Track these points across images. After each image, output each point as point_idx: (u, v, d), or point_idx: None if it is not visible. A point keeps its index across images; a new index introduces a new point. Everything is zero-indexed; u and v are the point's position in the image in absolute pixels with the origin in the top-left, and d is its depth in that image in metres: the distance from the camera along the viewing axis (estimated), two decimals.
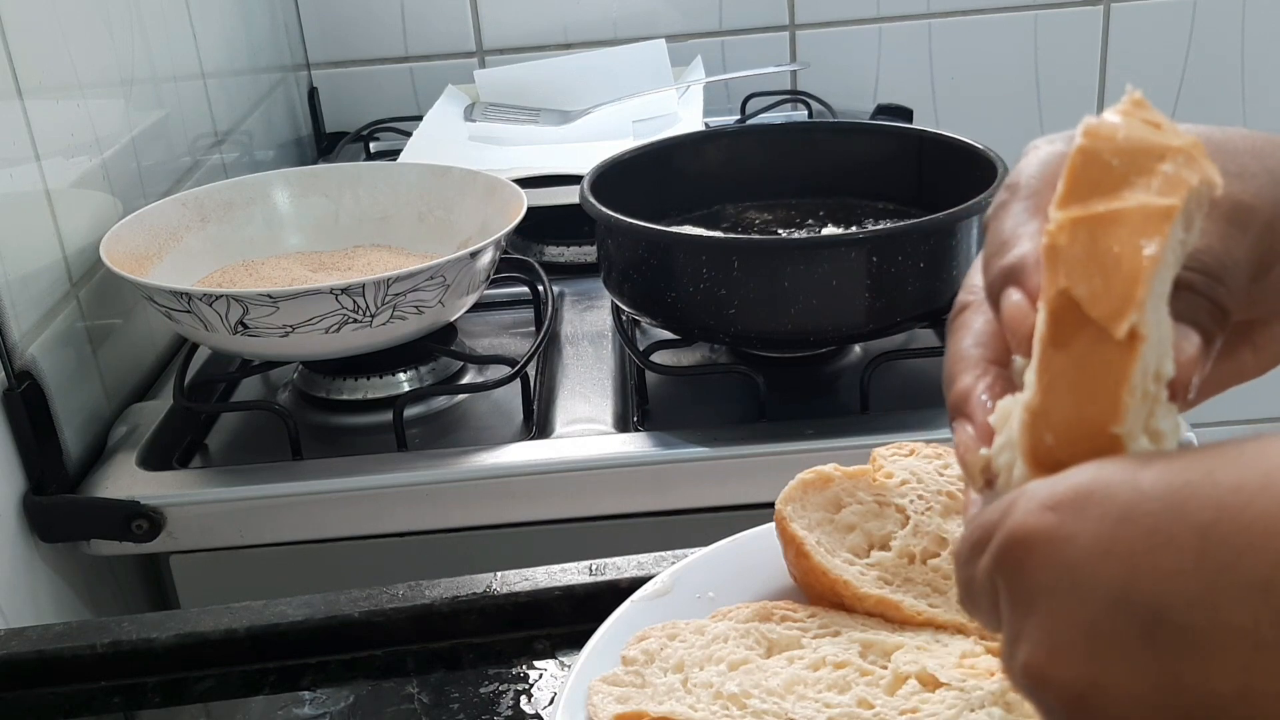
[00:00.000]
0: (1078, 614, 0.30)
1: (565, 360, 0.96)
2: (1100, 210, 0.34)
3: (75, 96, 0.89)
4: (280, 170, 1.05)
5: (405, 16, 1.49)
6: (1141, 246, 0.33)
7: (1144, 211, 0.33)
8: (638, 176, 0.96)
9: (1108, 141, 0.35)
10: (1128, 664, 0.29)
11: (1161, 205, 0.33)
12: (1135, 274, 0.32)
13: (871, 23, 1.50)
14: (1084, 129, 0.35)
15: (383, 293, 0.80)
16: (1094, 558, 0.30)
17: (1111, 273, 0.33)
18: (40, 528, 0.78)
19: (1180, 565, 0.29)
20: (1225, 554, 0.28)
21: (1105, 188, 0.34)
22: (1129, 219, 0.33)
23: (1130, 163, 0.34)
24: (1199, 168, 0.34)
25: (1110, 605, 0.29)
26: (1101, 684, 0.29)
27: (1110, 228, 0.33)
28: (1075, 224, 0.34)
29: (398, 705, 0.57)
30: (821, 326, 0.82)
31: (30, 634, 0.62)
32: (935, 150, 0.96)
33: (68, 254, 0.86)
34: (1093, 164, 0.34)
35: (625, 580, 0.60)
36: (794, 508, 0.55)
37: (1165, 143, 0.34)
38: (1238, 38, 1.51)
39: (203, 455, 0.87)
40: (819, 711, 0.48)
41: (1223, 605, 0.28)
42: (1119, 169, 0.34)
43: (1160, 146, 0.34)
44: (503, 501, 0.80)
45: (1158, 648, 0.29)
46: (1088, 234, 0.33)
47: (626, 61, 1.38)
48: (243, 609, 0.62)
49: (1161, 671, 0.29)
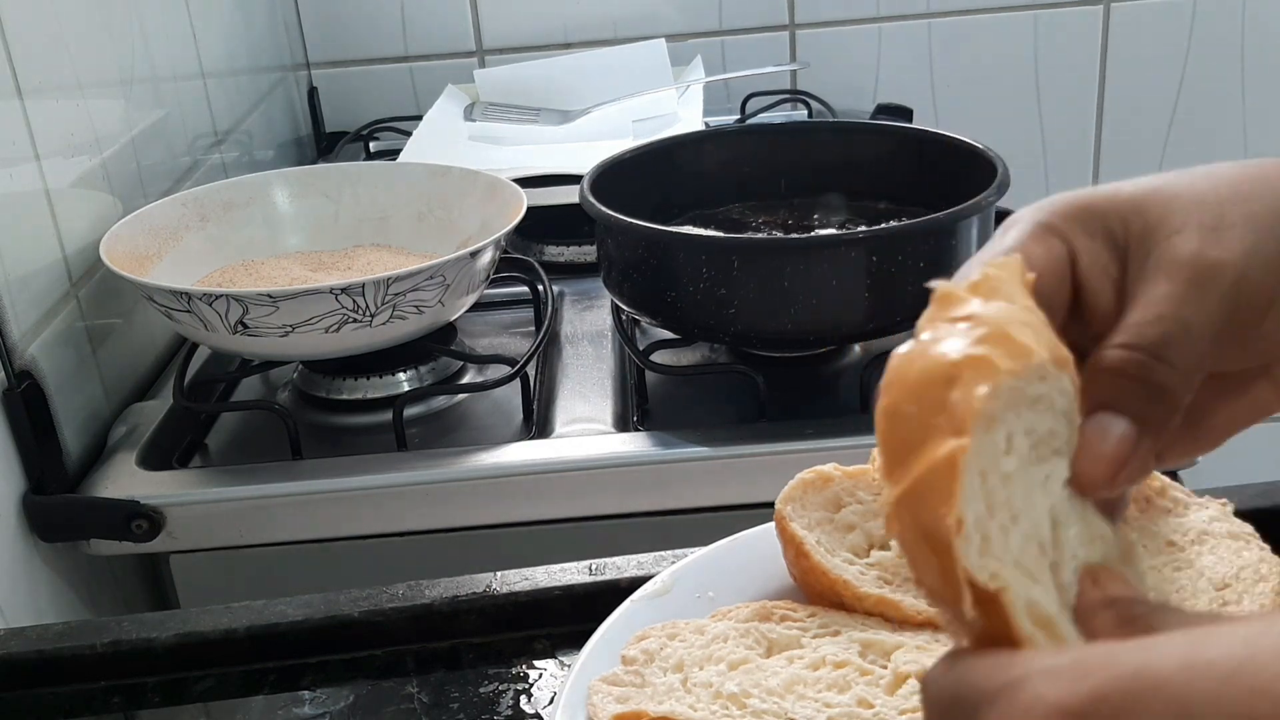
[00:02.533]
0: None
1: (565, 360, 0.96)
2: (906, 485, 0.31)
3: (75, 96, 0.89)
4: (280, 170, 1.05)
5: (405, 16, 1.49)
6: (942, 516, 0.30)
7: (933, 471, 0.31)
8: (638, 176, 0.96)
9: (900, 388, 0.32)
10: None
11: (945, 455, 0.30)
12: (947, 548, 0.30)
13: (871, 22, 1.50)
14: (882, 383, 0.33)
15: (383, 292, 0.80)
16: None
17: (939, 554, 0.31)
18: (40, 528, 0.78)
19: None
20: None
21: (913, 443, 0.31)
22: (927, 485, 0.31)
23: (924, 404, 0.31)
24: (992, 366, 0.31)
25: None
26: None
27: (919, 501, 0.31)
28: (898, 506, 0.31)
29: (398, 705, 0.57)
30: (821, 326, 0.82)
31: (30, 634, 0.62)
32: (935, 150, 0.96)
33: (67, 254, 0.86)
34: (894, 421, 0.32)
35: (625, 580, 0.60)
36: (794, 507, 0.55)
37: (949, 360, 0.32)
38: (1238, 38, 1.51)
39: (203, 455, 0.87)
40: (819, 711, 0.48)
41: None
42: (917, 416, 0.31)
43: (945, 368, 0.32)
44: (503, 501, 0.80)
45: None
46: (910, 515, 0.31)
47: (626, 61, 1.38)
48: (242, 609, 0.62)
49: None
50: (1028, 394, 0.33)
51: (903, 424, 0.32)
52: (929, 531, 0.31)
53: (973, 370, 0.31)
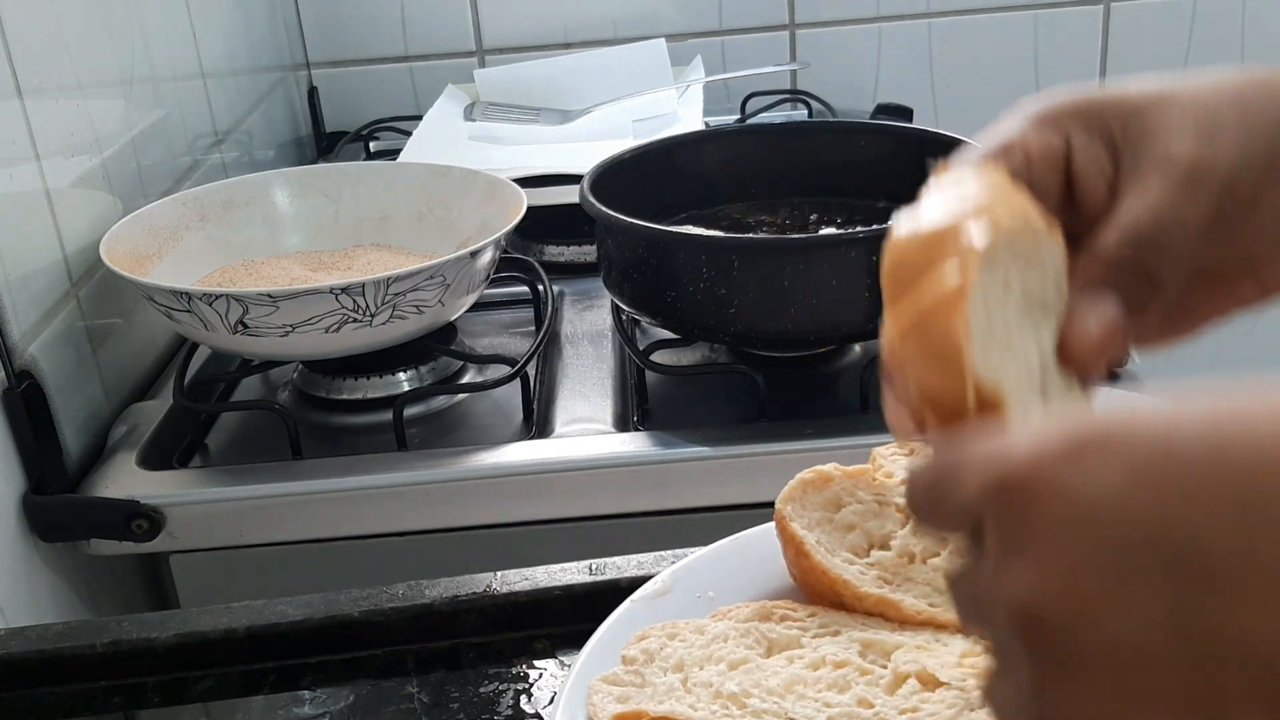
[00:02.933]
0: (1087, 549, 0.28)
1: (565, 360, 0.96)
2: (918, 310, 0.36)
3: (75, 96, 0.89)
4: (280, 170, 1.05)
5: (405, 16, 1.49)
6: (953, 326, 0.35)
7: (943, 298, 0.35)
8: (638, 176, 0.96)
9: (910, 238, 0.37)
10: (1145, 597, 0.27)
11: (955, 284, 0.35)
12: (956, 355, 0.35)
13: (871, 22, 1.50)
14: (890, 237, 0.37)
15: (383, 292, 0.80)
16: (1118, 496, 0.28)
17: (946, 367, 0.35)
18: (40, 527, 0.78)
19: (1216, 509, 0.27)
20: (1268, 504, 0.27)
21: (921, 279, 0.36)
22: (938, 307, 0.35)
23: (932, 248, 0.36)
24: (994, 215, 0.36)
25: (1137, 542, 0.28)
26: (1103, 617, 0.28)
27: (929, 322, 0.35)
28: (909, 330, 0.36)
29: (398, 705, 0.57)
30: (821, 326, 0.82)
31: (30, 634, 0.62)
32: (935, 150, 0.96)
33: (68, 254, 0.86)
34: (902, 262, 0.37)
35: (625, 580, 0.60)
36: (794, 507, 0.55)
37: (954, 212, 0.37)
38: (1238, 38, 1.51)
39: (203, 455, 0.87)
40: (819, 711, 0.48)
41: (1261, 548, 0.26)
42: (925, 257, 0.36)
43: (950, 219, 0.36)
44: (503, 501, 0.80)
45: (1179, 584, 0.27)
46: (919, 337, 0.36)
47: (626, 61, 1.38)
48: (242, 609, 0.62)
49: (1180, 607, 0.27)
50: (1024, 246, 0.37)
51: (910, 266, 0.36)
52: (939, 348, 0.35)
53: (976, 220, 0.36)
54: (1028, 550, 0.29)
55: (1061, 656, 0.28)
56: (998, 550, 0.30)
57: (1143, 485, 0.28)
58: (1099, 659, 0.28)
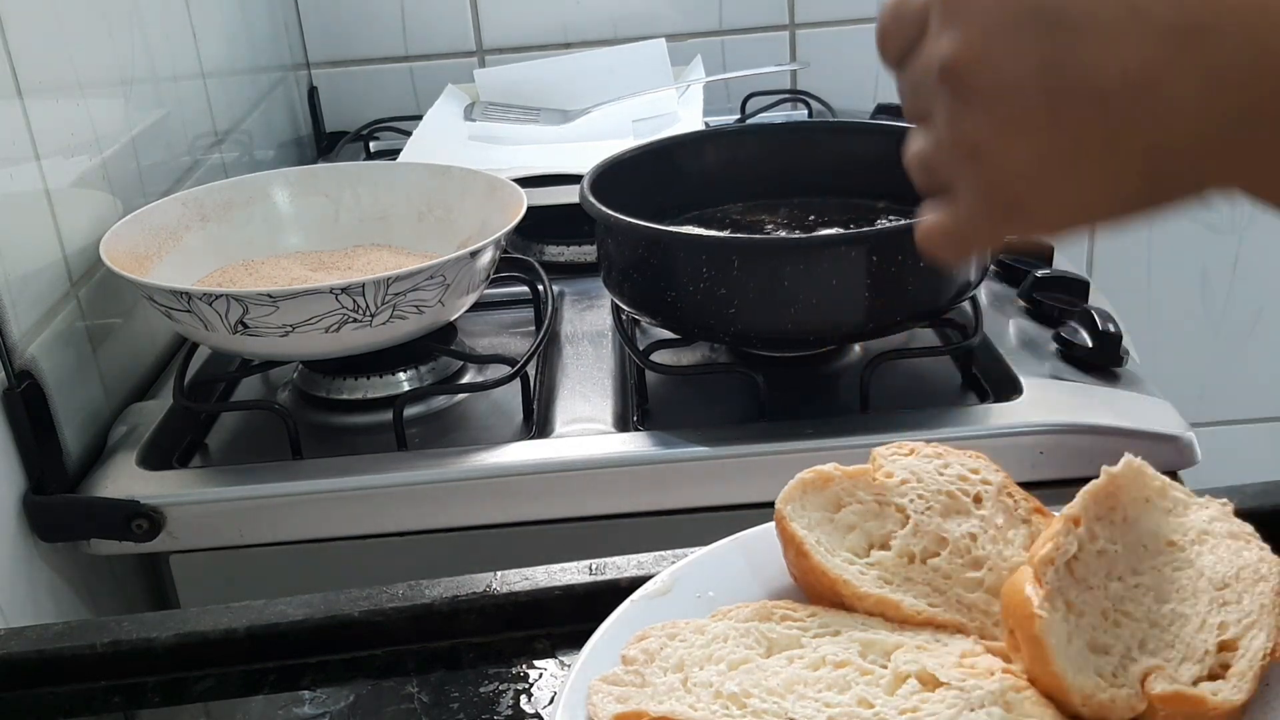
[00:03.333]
0: (994, 19, 0.37)
1: (565, 360, 0.96)
2: None
3: (75, 96, 0.89)
4: (280, 170, 1.05)
5: (405, 16, 1.49)
6: None
7: None
8: (638, 176, 0.96)
9: None
10: (1026, 46, 0.36)
11: None
12: None
13: (871, 22, 1.48)
14: None
15: (383, 292, 0.80)
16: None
17: None
18: (40, 527, 0.78)
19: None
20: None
21: None
22: None
23: None
24: None
25: (1028, 10, 0.36)
26: (997, 61, 0.37)
27: None
28: None
29: (398, 705, 0.57)
30: (821, 326, 0.82)
31: (30, 634, 0.62)
32: None
33: (67, 254, 0.86)
34: None
35: (625, 580, 0.60)
36: (794, 507, 0.55)
37: None
38: None
39: (203, 455, 0.87)
40: (819, 711, 0.48)
41: (1100, 7, 0.35)
42: None
43: None
44: (503, 501, 0.80)
45: (1050, 35, 0.36)
46: None
47: (626, 61, 1.38)
48: (242, 609, 0.62)
49: (1048, 52, 0.36)
50: None
51: None
52: None
53: None
54: (955, 23, 0.38)
55: (968, 92, 0.38)
56: (936, 28, 0.39)
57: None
58: (993, 91, 0.37)
